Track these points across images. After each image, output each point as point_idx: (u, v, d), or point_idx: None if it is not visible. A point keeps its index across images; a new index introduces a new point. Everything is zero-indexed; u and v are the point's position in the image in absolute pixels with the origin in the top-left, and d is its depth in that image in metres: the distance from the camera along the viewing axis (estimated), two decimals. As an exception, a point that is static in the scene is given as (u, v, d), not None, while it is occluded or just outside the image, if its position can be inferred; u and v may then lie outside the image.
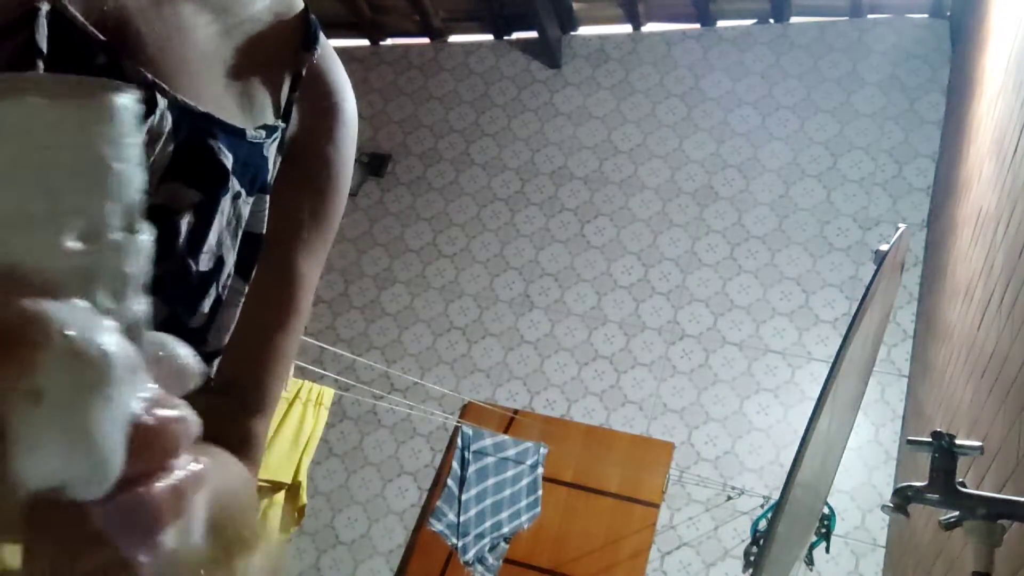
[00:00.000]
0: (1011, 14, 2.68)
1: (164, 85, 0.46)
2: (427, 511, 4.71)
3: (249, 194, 0.52)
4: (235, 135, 0.50)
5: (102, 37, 0.44)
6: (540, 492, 4.27)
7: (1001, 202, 2.24)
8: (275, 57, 0.57)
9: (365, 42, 6.68)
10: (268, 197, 0.54)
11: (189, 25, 0.50)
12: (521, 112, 6.13)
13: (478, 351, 5.35)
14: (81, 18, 0.43)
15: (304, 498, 3.87)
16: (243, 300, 0.53)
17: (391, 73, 6.47)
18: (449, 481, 4.05)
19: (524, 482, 4.23)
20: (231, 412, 0.55)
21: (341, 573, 4.95)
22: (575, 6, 6.16)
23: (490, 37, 6.50)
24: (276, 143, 0.54)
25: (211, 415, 0.53)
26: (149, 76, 0.45)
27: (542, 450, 4.31)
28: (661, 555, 4.52)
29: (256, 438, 0.57)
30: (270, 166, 0.54)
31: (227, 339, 0.53)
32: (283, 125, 0.55)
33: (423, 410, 4.83)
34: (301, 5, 0.61)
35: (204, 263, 0.49)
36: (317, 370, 4.07)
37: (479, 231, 5.77)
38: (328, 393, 3.95)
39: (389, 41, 6.67)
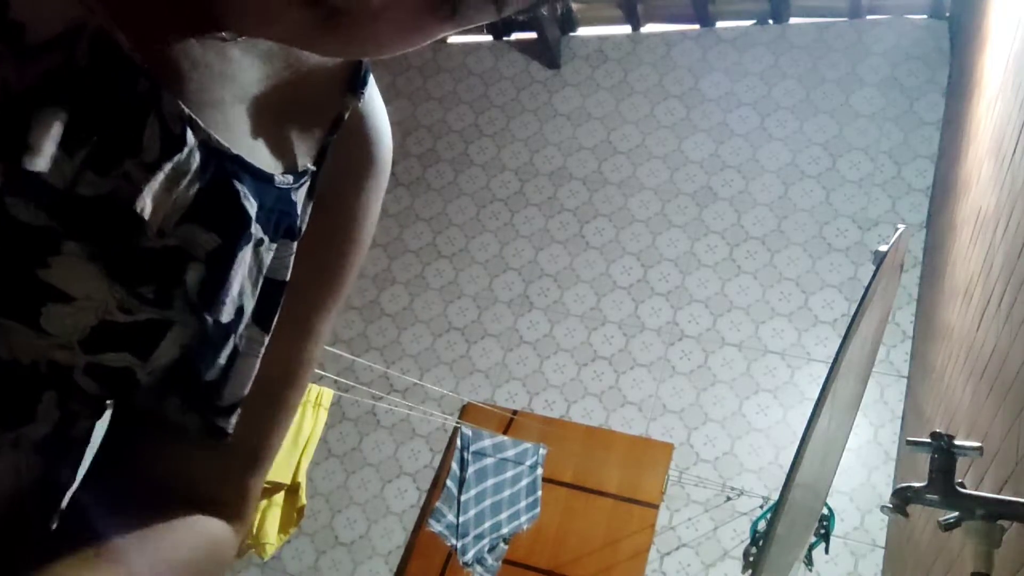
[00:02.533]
0: (1010, 15, 2.68)
1: (199, 121, 0.45)
2: (426, 512, 4.71)
3: (272, 240, 0.50)
4: (263, 180, 0.48)
5: (145, 65, 0.43)
6: (539, 493, 4.26)
7: (1000, 202, 2.25)
8: (319, 100, 0.55)
9: (364, 43, 6.68)
10: (295, 244, 0.52)
11: (234, 68, 0.49)
12: (520, 113, 6.13)
13: (477, 352, 5.35)
14: (126, 42, 0.42)
15: (303, 499, 3.87)
16: (263, 351, 0.51)
17: (389, 75, 6.47)
18: (448, 482, 4.05)
19: (523, 483, 4.22)
20: (233, 472, 0.56)
21: (340, 574, 4.95)
22: (574, 7, 6.16)
23: (489, 38, 6.50)
24: (306, 187, 0.52)
25: (213, 475, 0.55)
26: (186, 110, 0.44)
27: (541, 451, 4.31)
28: (660, 556, 4.52)
29: (251, 494, 0.57)
30: (298, 211, 0.52)
31: (246, 391, 0.51)
32: (313, 169, 0.53)
33: (422, 411, 4.83)
34: None
35: (226, 314, 0.48)
36: (316, 371, 4.06)
37: (478, 232, 5.77)
38: (327, 394, 3.94)
39: (388, 42, 6.67)
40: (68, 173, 0.40)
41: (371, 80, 0.58)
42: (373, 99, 0.59)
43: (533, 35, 6.21)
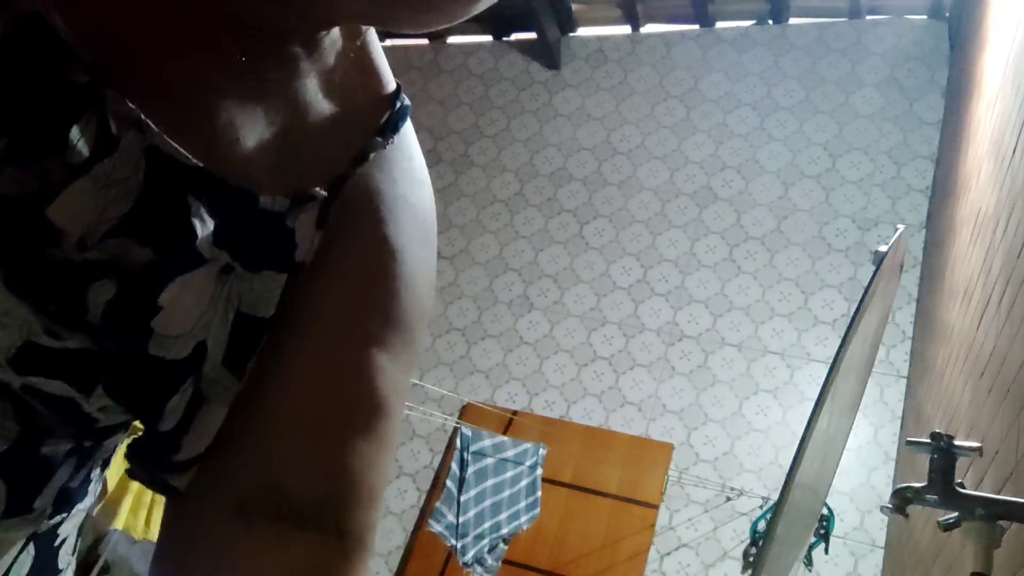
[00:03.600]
0: (1010, 15, 2.68)
1: (150, 124, 0.39)
2: (426, 512, 4.71)
3: (249, 269, 0.43)
4: (237, 199, 0.42)
5: (87, 56, 0.37)
6: (539, 493, 4.26)
7: (1000, 202, 2.25)
8: (342, 133, 0.49)
9: (364, 43, 6.68)
10: (283, 277, 0.45)
11: (241, 77, 0.44)
12: (520, 113, 6.13)
13: (477, 352, 5.35)
14: (65, 28, 0.37)
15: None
16: (232, 398, 0.44)
17: (390, 74, 6.47)
18: (448, 482, 4.05)
19: (523, 483, 4.23)
20: (331, 558, 0.44)
21: (340, 574, 4.94)
22: (574, 7, 6.17)
23: (489, 38, 6.50)
24: (311, 215, 0.45)
25: (306, 565, 0.42)
26: (132, 109, 0.38)
27: (541, 451, 4.31)
28: (660, 556, 4.52)
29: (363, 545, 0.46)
30: (296, 240, 0.45)
31: (208, 443, 0.43)
32: (323, 195, 0.46)
33: (422, 411, 4.83)
34: (392, 86, 0.53)
35: (177, 350, 0.41)
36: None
37: (478, 232, 5.77)
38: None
39: (388, 43, 6.67)
40: None
41: (407, 125, 0.53)
42: (407, 143, 0.54)
43: (533, 35, 6.21)
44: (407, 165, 0.53)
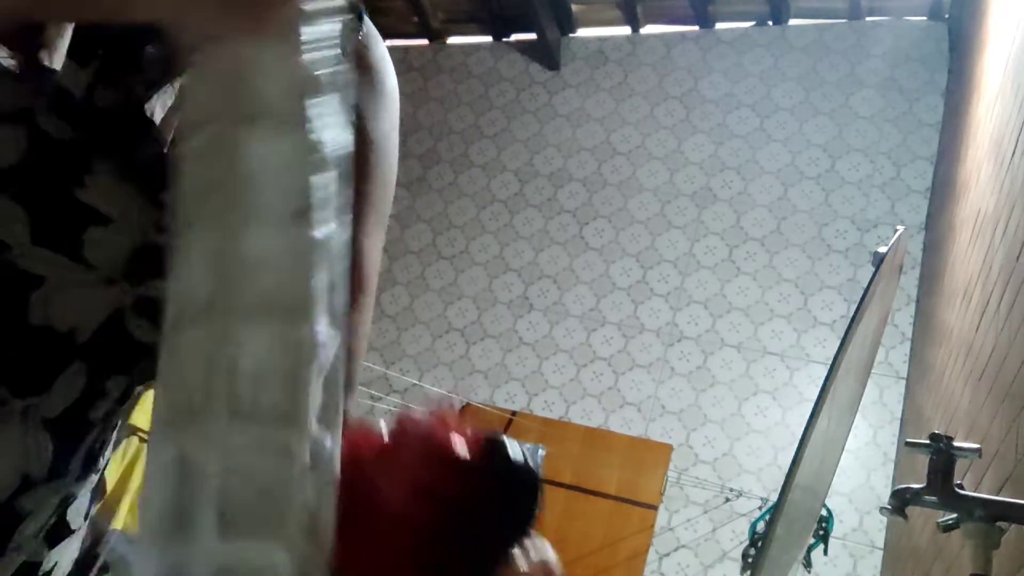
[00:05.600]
0: (1010, 16, 2.68)
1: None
2: (425, 513, 4.71)
3: None
4: None
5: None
6: (538, 494, 4.26)
7: (1000, 204, 2.25)
8: None
9: (364, 43, 6.67)
10: None
11: None
12: (520, 114, 6.13)
13: (477, 352, 5.35)
14: None
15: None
16: None
17: (390, 74, 6.47)
18: (447, 483, 4.04)
19: (522, 484, 4.22)
20: None
21: (339, 575, 4.94)
22: (574, 8, 6.17)
23: (489, 39, 6.50)
24: None
25: None
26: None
27: (540, 452, 4.31)
28: (659, 557, 4.52)
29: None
30: None
31: None
32: None
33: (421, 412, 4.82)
34: None
35: None
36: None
37: (478, 233, 5.77)
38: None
39: (388, 43, 6.61)
40: (83, 82, 0.42)
41: (367, 19, 0.62)
42: (371, 35, 0.63)
43: (533, 36, 6.21)
44: (377, 52, 0.63)
